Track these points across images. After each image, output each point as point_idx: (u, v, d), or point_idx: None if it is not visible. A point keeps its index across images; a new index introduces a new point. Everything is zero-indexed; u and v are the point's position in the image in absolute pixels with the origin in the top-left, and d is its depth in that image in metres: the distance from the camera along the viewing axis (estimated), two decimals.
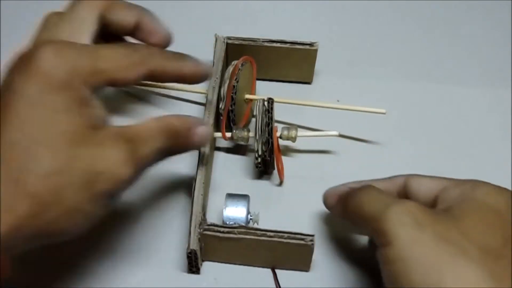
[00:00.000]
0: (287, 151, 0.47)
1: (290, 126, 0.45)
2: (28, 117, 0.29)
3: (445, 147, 0.43)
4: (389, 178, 0.38)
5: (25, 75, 0.29)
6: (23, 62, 0.30)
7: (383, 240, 0.30)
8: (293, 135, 0.44)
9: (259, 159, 0.43)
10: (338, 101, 0.50)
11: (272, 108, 0.43)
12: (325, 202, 0.41)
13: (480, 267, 0.28)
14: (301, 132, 0.44)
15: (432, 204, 0.34)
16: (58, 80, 0.29)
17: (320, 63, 0.50)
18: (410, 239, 0.29)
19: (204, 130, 0.36)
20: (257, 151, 0.43)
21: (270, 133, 0.42)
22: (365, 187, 0.35)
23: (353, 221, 0.36)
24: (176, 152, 0.36)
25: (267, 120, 0.43)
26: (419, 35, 0.56)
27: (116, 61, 0.32)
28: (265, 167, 0.44)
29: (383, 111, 0.46)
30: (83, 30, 0.35)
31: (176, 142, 0.35)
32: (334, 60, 0.53)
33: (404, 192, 0.37)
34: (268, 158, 0.43)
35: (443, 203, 0.33)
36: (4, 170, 0.28)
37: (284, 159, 0.45)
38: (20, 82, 0.29)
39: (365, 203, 0.33)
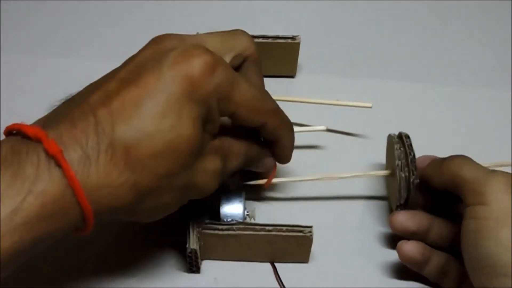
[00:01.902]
0: None
1: None
2: (164, 114, 0.30)
3: (445, 147, 0.42)
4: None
5: (175, 72, 0.30)
6: (178, 57, 0.31)
7: (479, 200, 0.34)
8: None
9: None
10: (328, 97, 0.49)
11: None
12: (423, 164, 0.40)
13: None
14: None
15: None
16: (201, 94, 0.31)
17: (303, 57, 0.50)
18: (506, 204, 0.34)
19: (270, 162, 0.40)
20: None
21: None
22: (463, 156, 0.38)
23: (441, 179, 0.38)
24: (238, 171, 0.38)
25: None
26: (419, 34, 0.56)
27: (249, 100, 0.33)
28: None
29: (369, 105, 0.46)
30: (227, 55, 0.36)
31: (247, 165, 0.38)
32: (317, 54, 0.53)
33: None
34: None
35: None
36: (123, 154, 0.29)
37: None
38: (168, 75, 0.30)
39: (465, 167, 0.36)
